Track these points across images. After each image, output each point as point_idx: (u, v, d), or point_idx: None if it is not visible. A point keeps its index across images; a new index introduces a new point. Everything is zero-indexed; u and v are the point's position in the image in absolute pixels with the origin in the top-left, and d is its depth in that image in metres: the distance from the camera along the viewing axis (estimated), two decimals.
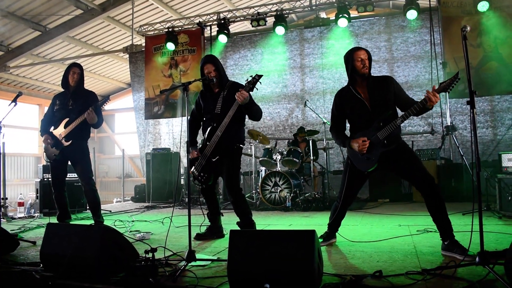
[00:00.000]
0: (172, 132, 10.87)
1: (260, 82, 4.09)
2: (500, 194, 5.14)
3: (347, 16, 8.48)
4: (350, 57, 3.61)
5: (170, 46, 9.77)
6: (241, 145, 4.29)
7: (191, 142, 4.37)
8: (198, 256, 3.18)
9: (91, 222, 5.15)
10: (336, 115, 3.82)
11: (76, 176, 5.35)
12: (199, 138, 4.50)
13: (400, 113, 3.55)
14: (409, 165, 3.48)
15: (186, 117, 3.85)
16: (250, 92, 4.10)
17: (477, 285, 2.38)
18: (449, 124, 7.81)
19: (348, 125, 3.86)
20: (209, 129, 4.21)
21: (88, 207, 5.66)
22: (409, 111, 3.37)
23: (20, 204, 6.96)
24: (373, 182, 7.70)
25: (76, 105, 4.94)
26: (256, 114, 4.22)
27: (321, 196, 7.09)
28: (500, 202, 5.14)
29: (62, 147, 4.93)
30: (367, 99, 3.57)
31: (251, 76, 4.10)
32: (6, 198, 6.69)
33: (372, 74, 3.66)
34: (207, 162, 4.18)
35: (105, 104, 4.93)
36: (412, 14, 8.21)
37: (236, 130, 4.23)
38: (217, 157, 4.14)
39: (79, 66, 5.12)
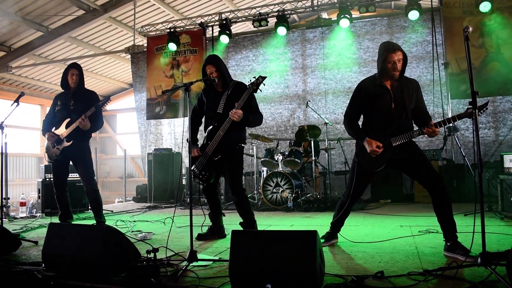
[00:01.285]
0: (174, 132, 10.88)
1: (264, 84, 4.10)
2: (502, 195, 5.13)
3: (348, 17, 8.48)
4: (383, 56, 3.44)
5: (172, 46, 9.78)
6: (242, 145, 4.30)
7: (192, 140, 4.38)
8: (199, 256, 3.19)
9: (93, 222, 5.15)
10: (356, 104, 3.67)
11: (78, 176, 5.37)
12: (200, 136, 4.51)
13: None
14: (417, 164, 3.46)
15: (188, 118, 3.85)
16: (254, 93, 4.13)
17: (479, 286, 2.38)
18: (451, 124, 7.79)
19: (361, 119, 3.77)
20: (210, 128, 4.22)
21: (90, 207, 5.67)
22: (422, 130, 3.36)
23: (22, 204, 6.97)
24: (375, 183, 7.69)
25: (77, 106, 4.95)
26: (253, 125, 4.28)
27: (322, 196, 7.08)
28: (502, 203, 5.14)
29: (63, 146, 4.94)
30: (393, 97, 3.49)
31: (254, 77, 4.11)
32: (8, 198, 6.71)
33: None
34: (208, 161, 4.18)
35: (105, 105, 4.94)
36: (414, 15, 8.20)
37: (238, 131, 4.23)
38: (219, 156, 4.14)
39: (77, 67, 5.10)
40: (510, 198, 4.96)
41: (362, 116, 3.77)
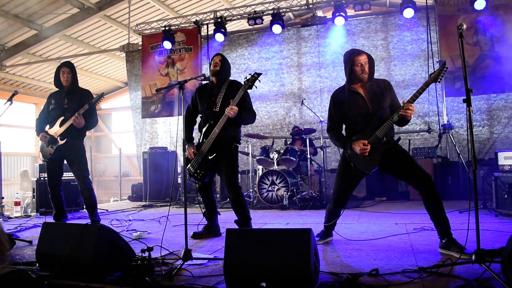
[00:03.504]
0: (170, 131, 10.85)
1: (259, 80, 4.10)
2: (497, 192, 5.16)
3: (343, 15, 8.47)
4: (350, 60, 3.56)
5: (167, 44, 9.74)
6: (237, 145, 4.30)
7: (188, 139, 4.37)
8: (194, 255, 3.18)
9: (88, 221, 5.14)
10: (334, 115, 3.73)
11: (72, 175, 5.35)
12: (195, 135, 4.50)
13: None
14: (406, 165, 3.47)
15: (182, 116, 3.84)
16: (249, 90, 4.13)
17: (473, 283, 2.38)
18: (445, 122, 7.82)
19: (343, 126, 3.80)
20: (206, 126, 4.21)
21: (84, 207, 5.65)
22: (398, 112, 3.38)
23: (17, 204, 6.93)
24: (370, 181, 7.71)
25: (71, 104, 4.95)
26: (246, 122, 4.31)
27: (318, 194, 7.09)
28: (497, 200, 5.16)
29: (57, 145, 4.92)
30: (367, 98, 3.55)
31: (250, 74, 4.11)
32: (3, 198, 6.68)
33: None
34: (203, 160, 4.18)
35: (99, 102, 4.93)
36: (408, 13, 8.20)
37: (233, 131, 4.24)
38: (214, 155, 4.14)
39: (68, 65, 5.09)
40: (505, 195, 4.98)
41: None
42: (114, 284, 2.71)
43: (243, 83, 4.16)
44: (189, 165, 4.27)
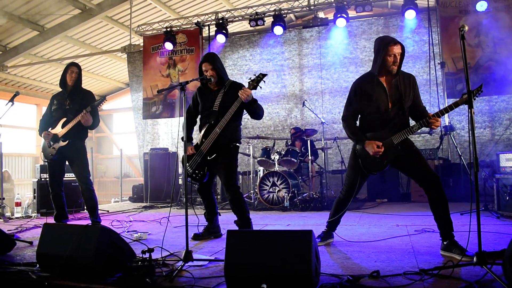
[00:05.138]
0: (171, 132, 10.86)
1: (264, 81, 4.07)
2: (498, 194, 5.15)
3: (345, 16, 8.47)
4: (384, 49, 3.38)
5: (168, 46, 9.76)
6: (237, 144, 4.28)
7: (187, 138, 4.36)
8: (195, 256, 3.17)
9: (89, 222, 5.13)
10: (353, 104, 3.61)
11: (73, 176, 5.34)
12: (195, 135, 4.49)
13: None
14: (417, 164, 3.44)
15: (184, 117, 3.83)
16: (253, 91, 4.12)
17: (474, 285, 2.37)
18: (447, 124, 7.81)
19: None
20: (206, 126, 4.20)
21: (85, 207, 5.65)
22: (421, 122, 3.37)
23: (17, 204, 6.93)
24: (371, 182, 7.70)
25: (73, 105, 4.96)
26: (258, 112, 4.20)
27: (319, 196, 7.08)
28: (498, 202, 5.15)
29: (59, 146, 4.93)
30: (390, 95, 3.46)
31: (254, 74, 4.09)
32: (3, 198, 6.67)
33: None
34: (202, 160, 4.17)
35: (101, 104, 4.94)
36: (410, 14, 8.20)
37: (233, 129, 4.21)
38: (214, 155, 4.12)
39: (77, 65, 5.12)
40: (506, 197, 4.97)
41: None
42: (114, 285, 2.71)
43: (247, 84, 4.13)
44: (187, 166, 4.26)
